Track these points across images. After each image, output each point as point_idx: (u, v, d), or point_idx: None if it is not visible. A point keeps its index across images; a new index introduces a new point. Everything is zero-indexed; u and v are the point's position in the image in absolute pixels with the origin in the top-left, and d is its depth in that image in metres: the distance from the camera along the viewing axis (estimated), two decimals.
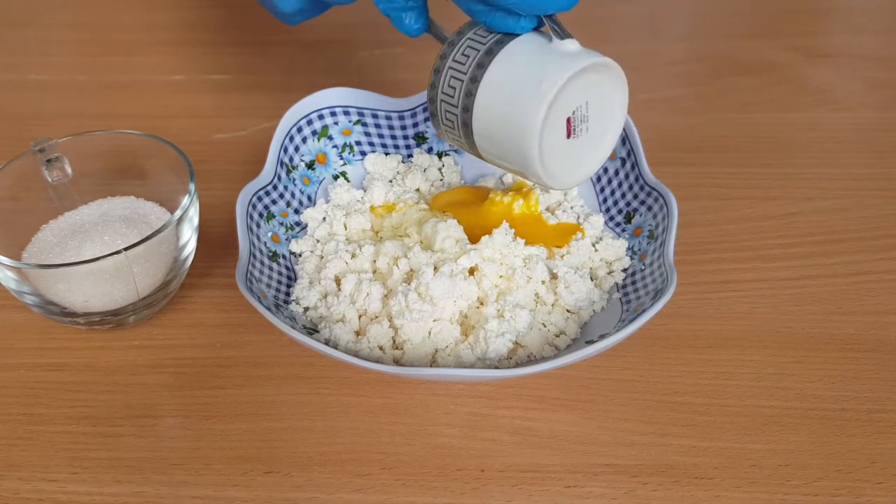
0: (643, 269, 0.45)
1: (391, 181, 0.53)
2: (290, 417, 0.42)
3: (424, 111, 0.53)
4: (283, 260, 0.48)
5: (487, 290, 0.43)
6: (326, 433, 0.42)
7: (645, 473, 0.40)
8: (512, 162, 0.39)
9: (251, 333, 0.47)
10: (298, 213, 0.50)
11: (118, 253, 0.41)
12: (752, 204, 0.55)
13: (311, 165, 0.52)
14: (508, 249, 0.45)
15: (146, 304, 0.45)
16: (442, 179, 0.54)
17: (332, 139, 0.53)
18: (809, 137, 0.61)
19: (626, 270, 0.47)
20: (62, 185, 0.49)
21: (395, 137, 0.54)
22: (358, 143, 0.54)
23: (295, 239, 0.49)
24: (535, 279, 0.44)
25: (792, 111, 0.64)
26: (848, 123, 0.62)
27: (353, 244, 0.48)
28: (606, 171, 0.50)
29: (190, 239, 0.46)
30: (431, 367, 0.42)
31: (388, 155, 0.54)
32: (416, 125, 0.54)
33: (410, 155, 0.54)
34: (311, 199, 0.52)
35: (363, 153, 0.54)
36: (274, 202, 0.49)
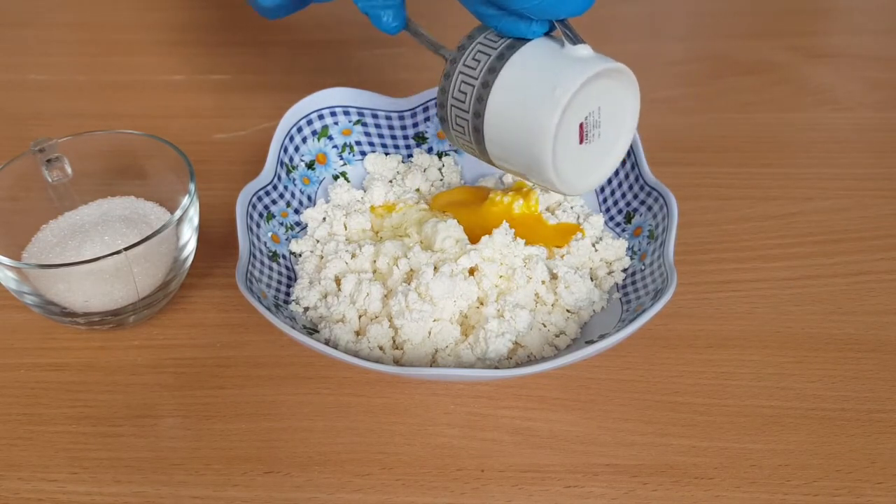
0: (643, 269, 0.45)
1: (391, 181, 0.53)
2: (290, 417, 0.42)
3: (424, 111, 0.53)
4: (283, 260, 0.48)
5: (487, 290, 0.43)
6: (326, 433, 0.42)
7: (645, 473, 0.40)
8: (524, 168, 0.39)
9: (251, 333, 0.47)
10: (298, 213, 0.50)
11: (118, 253, 0.41)
12: (752, 204, 0.55)
13: (311, 165, 0.52)
14: (508, 249, 0.45)
15: (146, 304, 0.45)
16: (442, 179, 0.54)
17: (332, 139, 0.53)
18: (809, 137, 0.61)
19: (626, 270, 0.47)
20: (62, 185, 0.49)
21: (395, 137, 0.54)
22: (358, 143, 0.54)
23: (295, 239, 0.49)
24: (535, 279, 0.44)
25: (792, 111, 0.64)
26: (848, 123, 0.62)
27: (353, 244, 0.48)
28: None
29: (190, 239, 0.46)
30: (431, 367, 0.42)
31: (388, 155, 0.54)
32: (416, 125, 0.54)
33: (410, 155, 0.54)
34: (311, 199, 0.52)
35: (363, 153, 0.54)
36: (274, 202, 0.49)
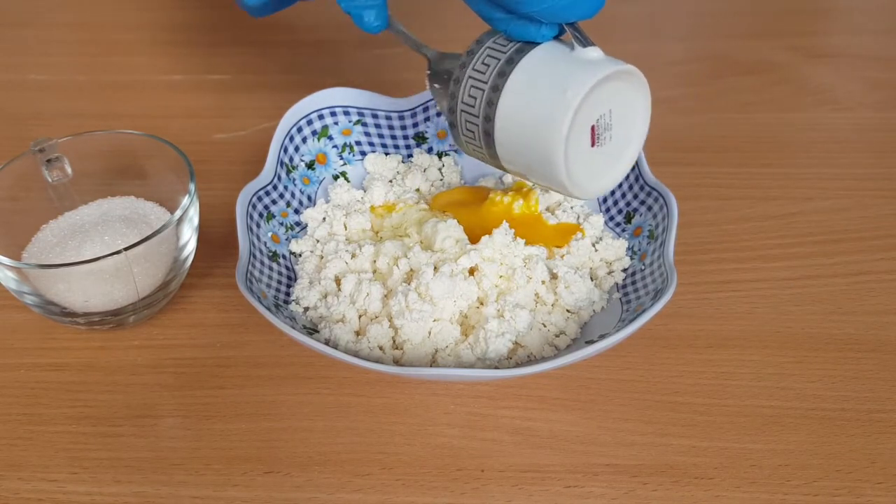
0: (643, 269, 0.45)
1: (391, 181, 0.53)
2: (290, 417, 0.42)
3: (424, 111, 0.53)
4: (283, 260, 0.48)
5: (487, 290, 0.43)
6: (326, 433, 0.42)
7: (645, 473, 0.40)
8: (535, 172, 0.39)
9: (251, 333, 0.47)
10: (298, 213, 0.50)
11: (118, 253, 0.41)
12: (752, 204, 0.55)
13: (311, 165, 0.52)
14: (508, 249, 0.45)
15: (146, 304, 0.45)
16: (442, 179, 0.54)
17: (332, 139, 0.53)
18: (809, 137, 0.61)
19: (626, 270, 0.47)
20: (62, 185, 0.49)
21: (395, 137, 0.54)
22: (358, 143, 0.54)
23: (295, 239, 0.49)
24: (535, 279, 0.44)
25: (792, 111, 0.64)
26: (848, 123, 0.62)
27: (353, 244, 0.48)
28: None
29: (190, 239, 0.46)
30: (431, 367, 0.42)
31: (388, 155, 0.54)
32: (416, 125, 0.54)
33: (410, 155, 0.54)
34: (311, 199, 0.52)
35: (363, 153, 0.54)
36: (274, 202, 0.49)
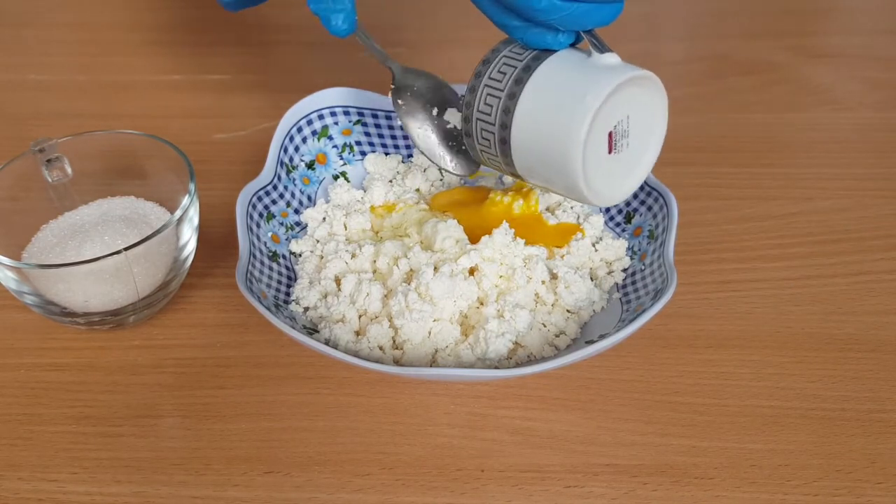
0: (643, 269, 0.45)
1: (391, 181, 0.53)
2: (290, 417, 0.42)
3: None
4: (283, 260, 0.48)
5: (487, 290, 0.43)
6: (326, 433, 0.42)
7: (645, 473, 0.40)
8: (551, 179, 0.39)
9: (251, 333, 0.47)
10: (298, 213, 0.50)
11: (118, 253, 0.41)
12: (752, 204, 0.55)
13: (311, 165, 0.52)
14: (508, 249, 0.45)
15: (146, 304, 0.45)
16: (442, 179, 0.53)
17: (332, 139, 0.53)
18: (809, 137, 0.61)
19: (626, 270, 0.47)
20: (62, 185, 0.49)
21: (395, 137, 0.54)
22: (358, 143, 0.54)
23: (295, 239, 0.49)
24: (535, 279, 0.44)
25: (792, 111, 0.64)
26: (848, 123, 0.62)
27: (353, 244, 0.48)
28: None
29: (190, 239, 0.46)
30: (431, 367, 0.42)
31: (388, 155, 0.54)
32: None
33: (410, 155, 0.54)
34: (311, 199, 0.52)
35: (363, 153, 0.54)
36: (274, 202, 0.49)
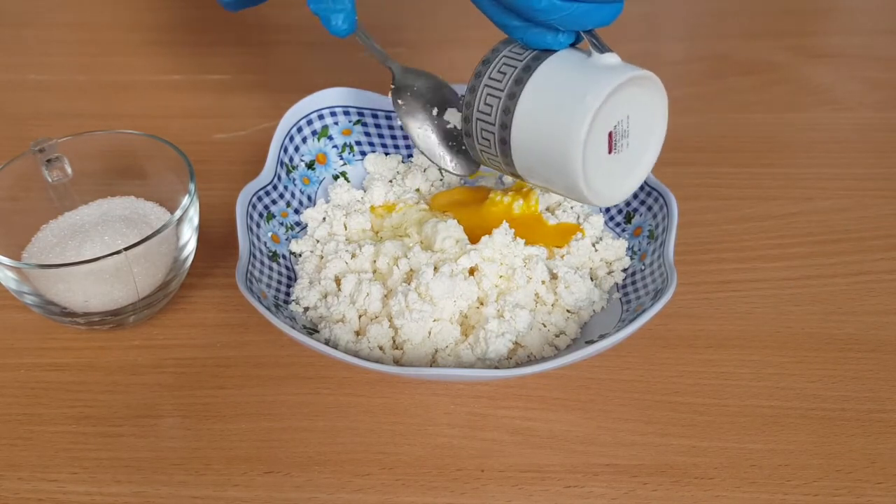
0: (643, 269, 0.45)
1: (391, 181, 0.53)
2: (290, 417, 0.42)
3: None
4: (283, 260, 0.48)
5: (487, 290, 0.43)
6: (326, 433, 0.42)
7: (645, 473, 0.40)
8: (552, 179, 0.39)
9: (251, 333, 0.47)
10: (298, 213, 0.50)
11: (118, 253, 0.41)
12: (752, 204, 0.55)
13: (311, 165, 0.52)
14: (508, 249, 0.45)
15: (146, 304, 0.45)
16: (442, 179, 0.53)
17: (332, 139, 0.53)
18: (809, 137, 0.61)
19: (626, 270, 0.47)
20: (62, 185, 0.49)
21: (395, 137, 0.54)
22: (358, 143, 0.54)
23: (295, 239, 0.49)
24: (535, 279, 0.44)
25: (792, 111, 0.64)
26: (848, 123, 0.62)
27: (353, 244, 0.48)
28: None
29: (190, 239, 0.46)
30: (431, 367, 0.42)
31: (388, 155, 0.54)
32: None
33: (410, 155, 0.54)
34: (311, 199, 0.52)
35: (363, 153, 0.54)
36: (274, 202, 0.49)
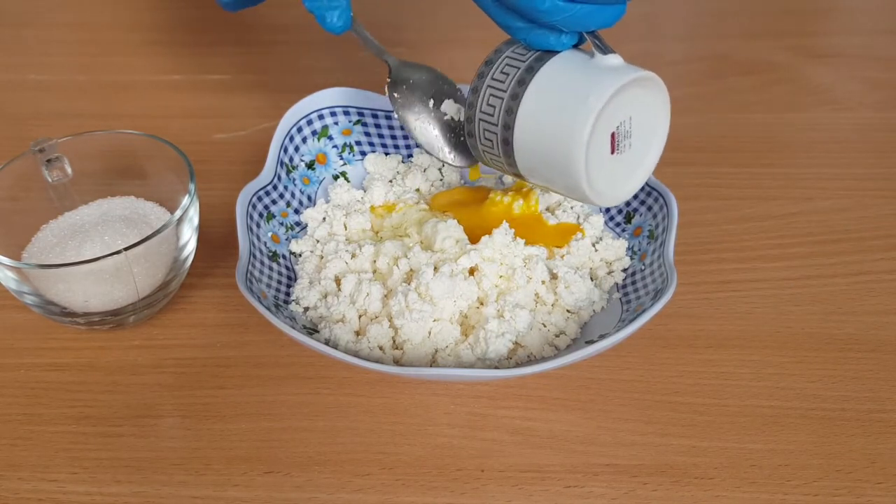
0: (643, 269, 0.45)
1: (391, 181, 0.53)
2: (290, 417, 0.42)
3: None
4: (283, 260, 0.48)
5: (487, 290, 0.43)
6: (326, 433, 0.42)
7: (645, 473, 0.40)
8: (554, 179, 0.39)
9: (251, 333, 0.47)
10: (298, 213, 0.50)
11: (118, 253, 0.41)
12: (752, 204, 0.55)
13: (311, 165, 0.52)
14: (508, 249, 0.45)
15: (146, 304, 0.45)
16: (442, 179, 0.54)
17: (332, 139, 0.53)
18: (809, 137, 0.61)
19: (626, 270, 0.47)
20: (62, 185, 0.49)
21: (395, 137, 0.54)
22: (358, 143, 0.54)
23: (295, 239, 0.49)
24: (535, 279, 0.44)
25: (792, 111, 0.64)
26: (848, 123, 0.62)
27: (353, 244, 0.48)
28: None
29: (190, 239, 0.46)
30: (431, 367, 0.42)
31: (388, 155, 0.54)
32: None
33: (410, 155, 0.54)
34: (311, 199, 0.52)
35: (363, 153, 0.54)
36: (274, 202, 0.49)
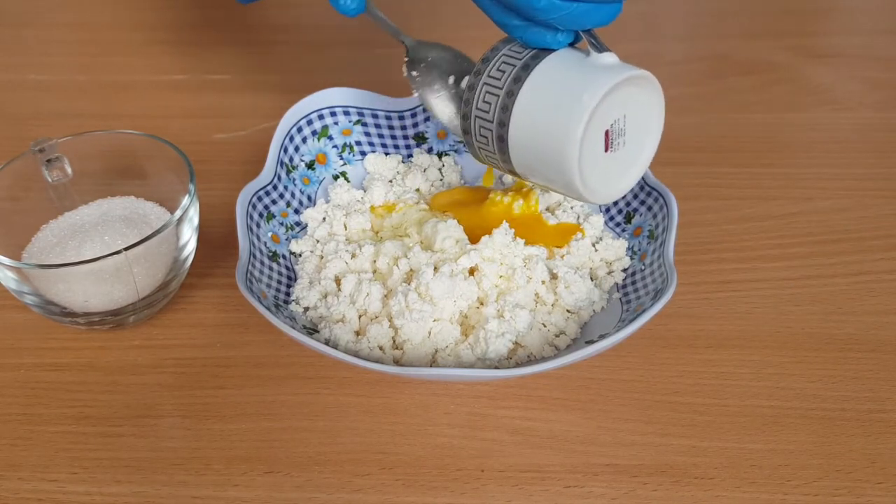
0: (643, 269, 0.45)
1: (391, 181, 0.53)
2: (290, 417, 0.42)
3: (424, 111, 0.53)
4: (283, 260, 0.48)
5: (487, 290, 0.43)
6: (326, 433, 0.42)
7: (645, 473, 0.40)
8: (548, 177, 0.39)
9: (251, 333, 0.47)
10: (298, 213, 0.50)
11: (118, 253, 0.41)
12: (752, 204, 0.55)
13: (311, 165, 0.52)
14: (508, 249, 0.45)
15: (146, 304, 0.45)
16: (442, 179, 0.54)
17: (332, 139, 0.53)
18: (809, 137, 0.61)
19: (626, 270, 0.47)
20: (62, 185, 0.49)
21: (395, 137, 0.54)
22: (358, 143, 0.54)
23: (295, 239, 0.49)
24: (535, 279, 0.44)
25: (792, 111, 0.64)
26: (848, 123, 0.62)
27: (353, 244, 0.48)
28: None
29: (190, 239, 0.46)
30: (431, 367, 0.42)
31: (388, 155, 0.54)
32: (416, 125, 0.54)
33: (410, 155, 0.54)
34: (311, 199, 0.52)
35: (363, 153, 0.54)
36: (274, 202, 0.49)
